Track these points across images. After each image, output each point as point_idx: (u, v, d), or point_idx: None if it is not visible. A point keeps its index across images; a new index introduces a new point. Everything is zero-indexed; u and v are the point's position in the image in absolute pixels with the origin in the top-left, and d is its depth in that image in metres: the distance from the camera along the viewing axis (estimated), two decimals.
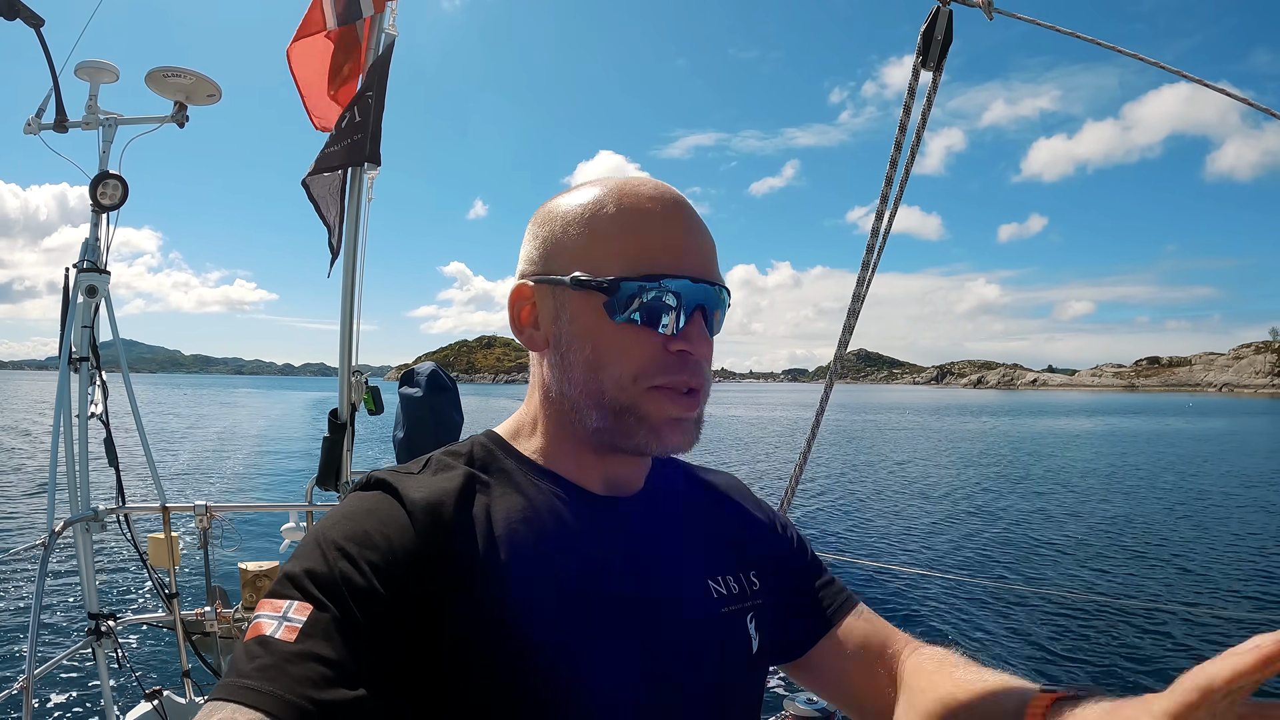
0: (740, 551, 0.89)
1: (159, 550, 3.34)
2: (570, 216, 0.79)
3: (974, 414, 73.71)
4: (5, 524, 12.65)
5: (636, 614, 0.76)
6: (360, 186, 2.58)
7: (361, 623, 0.62)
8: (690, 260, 0.77)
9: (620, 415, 0.76)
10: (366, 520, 0.69)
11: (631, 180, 0.80)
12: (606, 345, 0.76)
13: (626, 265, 0.75)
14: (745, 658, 0.83)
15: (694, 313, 0.76)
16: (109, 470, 3.50)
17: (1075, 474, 23.76)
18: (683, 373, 0.76)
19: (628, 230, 0.76)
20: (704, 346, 0.77)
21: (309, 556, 0.66)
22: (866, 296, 2.09)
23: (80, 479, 3.36)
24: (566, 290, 0.77)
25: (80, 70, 3.41)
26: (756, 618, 0.85)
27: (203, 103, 3.43)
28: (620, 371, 0.75)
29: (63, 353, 3.24)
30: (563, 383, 0.79)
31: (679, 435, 0.77)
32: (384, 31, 2.71)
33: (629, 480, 0.85)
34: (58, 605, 7.76)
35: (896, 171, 1.91)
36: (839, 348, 2.08)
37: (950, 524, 14.46)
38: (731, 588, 0.84)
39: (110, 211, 3.32)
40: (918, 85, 1.82)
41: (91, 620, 3.46)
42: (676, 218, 0.78)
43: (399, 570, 0.66)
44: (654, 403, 0.75)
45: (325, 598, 0.63)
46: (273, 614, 0.62)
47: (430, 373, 2.31)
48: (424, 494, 0.73)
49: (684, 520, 0.88)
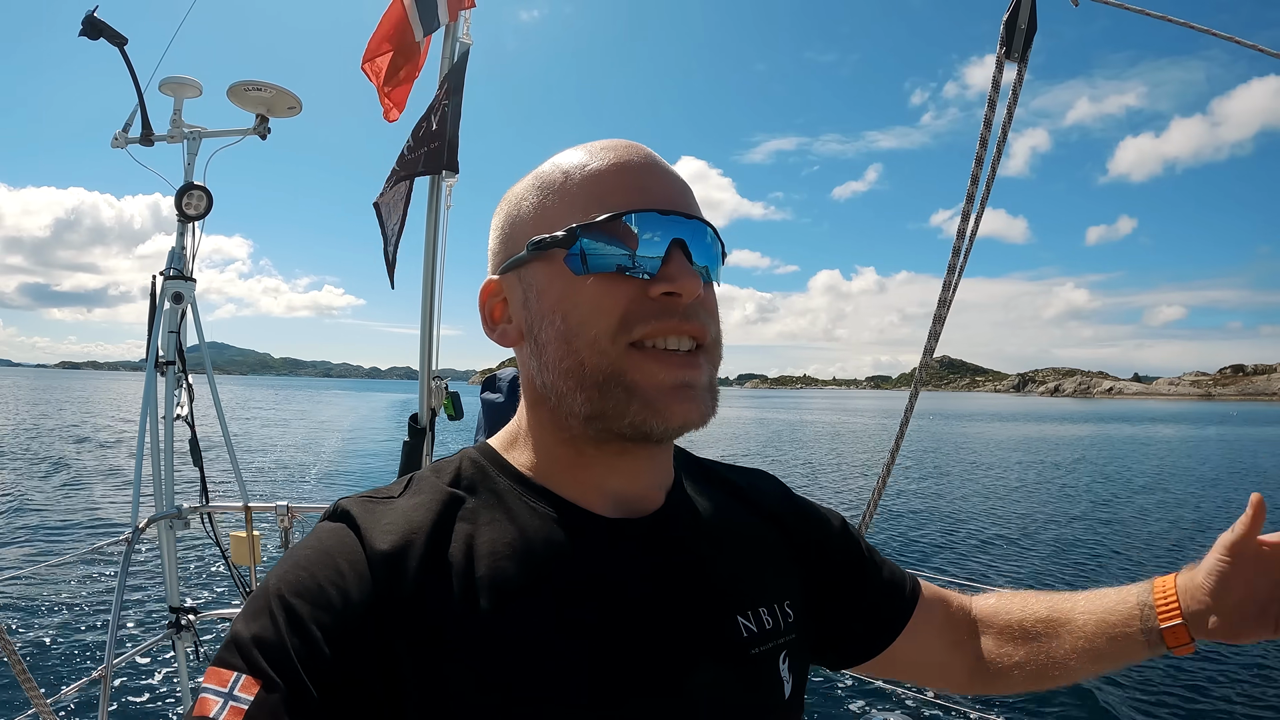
0: (774, 576, 0.79)
1: (240, 548, 3.44)
2: (522, 193, 0.71)
3: (1038, 421, 72.18)
4: (94, 520, 13.20)
5: (649, 669, 0.65)
6: (439, 194, 2.63)
7: (315, 699, 0.55)
8: (656, 195, 0.67)
9: (605, 389, 0.64)
10: (321, 569, 0.61)
11: (587, 143, 0.72)
12: (576, 307, 0.65)
13: (584, 215, 0.66)
14: (778, 704, 0.73)
15: (672, 248, 0.65)
16: (193, 470, 3.63)
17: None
18: (672, 317, 0.65)
19: (582, 183, 0.67)
20: (692, 284, 0.65)
21: (257, 616, 0.59)
22: (953, 302, 2.06)
23: (165, 478, 3.50)
24: (530, 267, 0.69)
25: (164, 86, 3.56)
26: (790, 656, 0.75)
27: (284, 115, 3.55)
28: (596, 332, 0.64)
29: (149, 357, 3.38)
30: (542, 371, 0.68)
31: (683, 404, 0.65)
32: (458, 40, 2.76)
33: (642, 495, 0.73)
34: (141, 600, 8.05)
35: (982, 170, 1.87)
36: (924, 354, 2.03)
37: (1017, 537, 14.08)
38: (764, 623, 0.73)
39: (195, 221, 3.45)
40: (1002, 78, 1.80)
41: (172, 614, 3.60)
42: (634, 159, 0.69)
43: (354, 632, 0.58)
44: (641, 367, 0.64)
45: (273, 671, 0.56)
46: (219, 690, 0.56)
47: (512, 379, 2.35)
48: (390, 531, 0.63)
49: (708, 545, 0.75)
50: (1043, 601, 0.93)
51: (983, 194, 1.89)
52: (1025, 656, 0.89)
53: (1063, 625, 0.88)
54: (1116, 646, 0.84)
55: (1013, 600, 0.95)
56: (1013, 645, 0.91)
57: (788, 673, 0.74)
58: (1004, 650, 0.91)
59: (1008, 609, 0.94)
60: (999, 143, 1.85)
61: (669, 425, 0.65)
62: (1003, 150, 1.88)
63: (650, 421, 0.64)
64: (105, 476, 19.04)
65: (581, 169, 0.68)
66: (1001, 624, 0.93)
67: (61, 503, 14.87)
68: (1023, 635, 0.90)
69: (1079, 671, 0.87)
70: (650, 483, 0.74)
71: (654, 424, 0.64)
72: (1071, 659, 0.86)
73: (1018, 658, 0.89)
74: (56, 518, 13.30)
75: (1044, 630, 0.89)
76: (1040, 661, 0.88)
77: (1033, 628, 0.90)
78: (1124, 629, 0.84)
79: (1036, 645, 0.89)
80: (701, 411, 0.67)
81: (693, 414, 0.66)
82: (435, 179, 2.63)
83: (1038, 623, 0.90)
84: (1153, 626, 0.83)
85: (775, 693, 0.72)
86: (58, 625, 7.48)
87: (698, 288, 0.65)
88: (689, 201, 0.70)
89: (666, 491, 0.76)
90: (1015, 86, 1.80)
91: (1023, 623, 0.91)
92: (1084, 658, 0.86)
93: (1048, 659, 0.88)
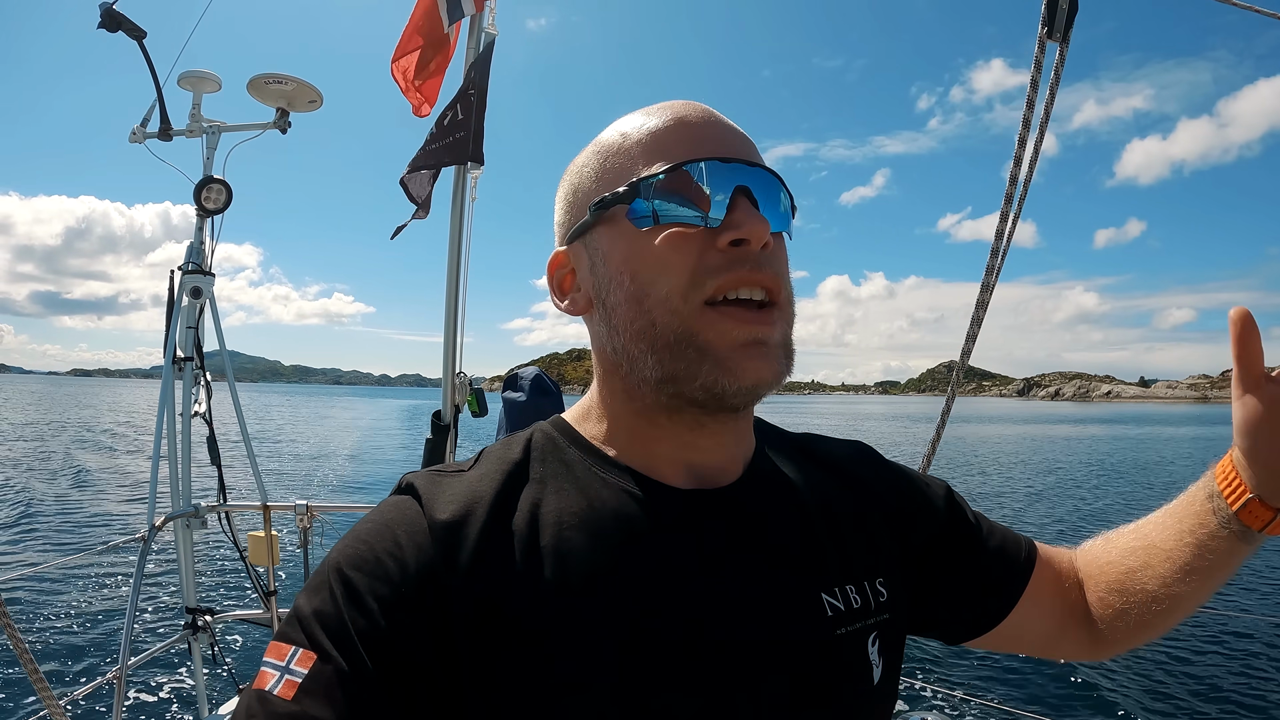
0: (867, 552, 0.73)
1: (259, 548, 3.40)
2: (584, 161, 0.70)
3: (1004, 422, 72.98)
4: (109, 521, 13.23)
5: (723, 648, 0.61)
6: (464, 185, 2.59)
7: (371, 672, 0.55)
8: (715, 145, 0.65)
9: (677, 350, 0.62)
10: (380, 540, 0.60)
11: (644, 107, 0.71)
12: (644, 265, 0.63)
13: (645, 170, 0.64)
14: (865, 690, 0.68)
15: (736, 194, 0.63)
16: (210, 469, 3.59)
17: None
18: (742, 267, 0.62)
19: (641, 141, 0.66)
20: (760, 228, 0.62)
21: (318, 591, 0.59)
22: (990, 303, 1.99)
23: (182, 476, 3.46)
24: (595, 231, 0.67)
25: (183, 80, 3.53)
26: (881, 638, 0.70)
27: (304, 109, 3.52)
28: (667, 289, 0.62)
29: (167, 352, 3.34)
30: (613, 336, 0.66)
31: (755, 362, 0.62)
32: (484, 31, 2.73)
33: (719, 467, 0.69)
34: (157, 600, 8.06)
35: (1025, 150, 1.82)
36: (961, 357, 1.95)
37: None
38: (852, 601, 0.68)
39: (214, 215, 3.42)
40: (1044, 59, 1.75)
41: (189, 615, 3.56)
42: (692, 114, 0.67)
43: (411, 603, 0.57)
44: (713, 325, 0.61)
45: (330, 644, 0.56)
46: (277, 663, 0.56)
47: (534, 377, 2.30)
48: (453, 501, 0.62)
49: (791, 518, 0.71)
50: (1129, 533, 0.82)
51: (1027, 173, 1.84)
52: (1125, 603, 0.79)
53: (1148, 552, 0.78)
54: (1203, 552, 0.74)
55: (1108, 542, 0.85)
56: (1112, 593, 0.80)
57: (877, 656, 0.69)
58: (1107, 601, 0.81)
59: (1103, 553, 0.84)
60: (1042, 124, 1.80)
61: (741, 384, 0.61)
62: (1046, 128, 1.83)
63: (721, 381, 0.61)
64: (121, 478, 19.18)
65: (639, 128, 0.67)
66: (1099, 571, 0.83)
67: (77, 503, 14.95)
68: (1118, 578, 0.80)
69: (1181, 598, 0.76)
70: (728, 454, 0.70)
71: (725, 383, 0.61)
72: (1166, 587, 0.76)
73: (1119, 605, 0.79)
74: (72, 517, 13.36)
75: (1135, 565, 0.79)
76: (1139, 602, 0.78)
77: (1125, 566, 0.80)
78: (1202, 530, 0.74)
79: (1131, 583, 0.79)
80: (775, 370, 0.63)
81: (765, 372, 0.62)
82: (460, 170, 2.59)
83: (1127, 556, 0.80)
84: (1227, 514, 0.72)
85: (863, 676, 0.67)
86: (72, 625, 7.47)
87: (766, 232, 0.62)
88: (751, 151, 0.68)
89: (746, 463, 0.72)
90: (1057, 67, 1.75)
91: (1114, 565, 0.81)
92: (1176, 580, 0.75)
93: (1144, 596, 0.77)
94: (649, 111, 0.68)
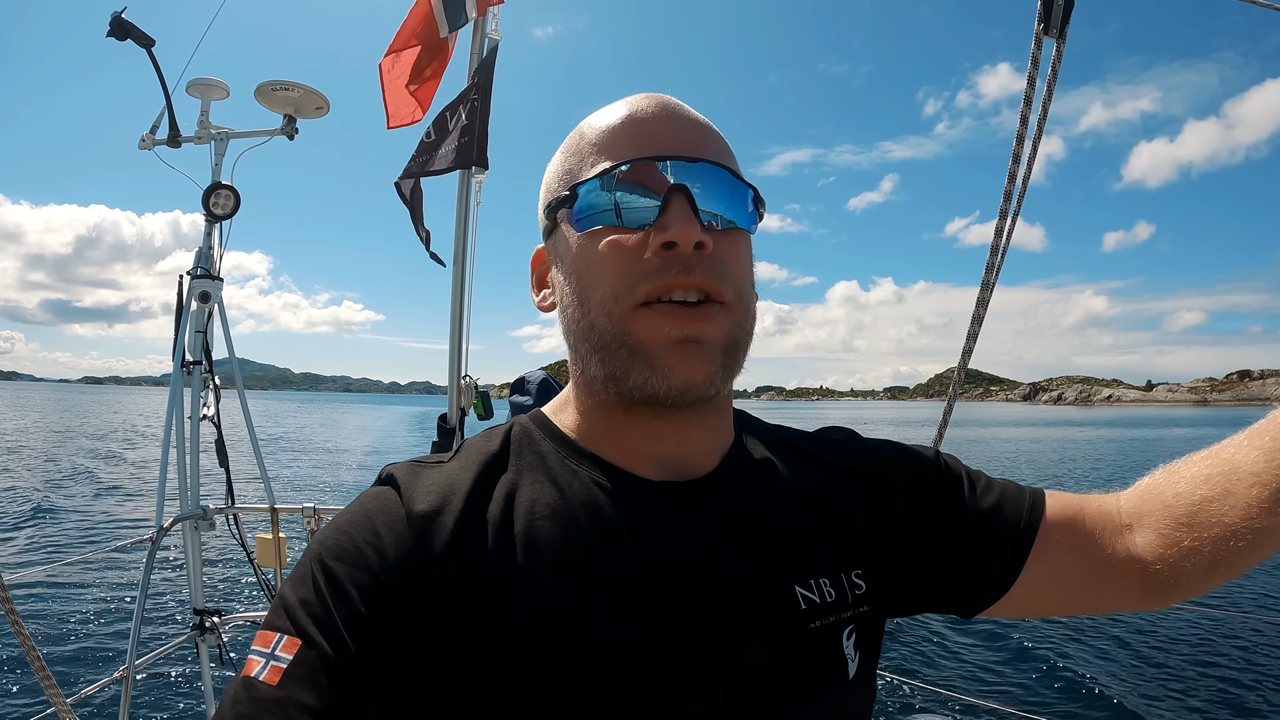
0: (844, 542, 0.71)
1: (266, 550, 3.43)
2: (553, 161, 0.71)
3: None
4: (117, 524, 13.31)
5: (690, 640, 0.61)
6: (469, 189, 2.62)
7: (353, 657, 0.56)
8: (661, 142, 0.63)
9: (613, 350, 0.62)
10: (360, 530, 0.61)
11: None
12: (586, 268, 0.63)
13: (590, 171, 0.65)
14: (839, 684, 0.66)
15: (670, 194, 0.61)
16: (219, 472, 3.62)
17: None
18: (672, 270, 0.60)
19: (593, 140, 0.66)
20: (687, 231, 0.59)
21: (302, 580, 0.60)
22: (991, 303, 1.99)
23: (190, 478, 3.49)
24: (556, 232, 0.68)
25: (192, 87, 3.58)
26: (858, 631, 0.69)
27: (311, 115, 3.56)
28: (603, 292, 0.62)
29: (176, 356, 3.37)
30: (568, 334, 0.67)
31: (686, 360, 0.60)
32: (487, 36, 2.75)
33: (690, 459, 0.69)
34: (166, 601, 8.09)
35: (1024, 149, 1.84)
36: (963, 356, 1.97)
37: None
38: (826, 594, 0.67)
39: (223, 221, 3.46)
40: (1041, 54, 1.75)
41: (197, 615, 3.58)
42: (645, 108, 0.66)
43: (389, 590, 0.58)
44: (646, 323, 0.60)
45: (314, 630, 0.56)
46: (263, 650, 0.57)
47: (541, 380, 2.32)
48: (430, 491, 0.63)
49: (766, 510, 0.69)
50: (1201, 459, 0.72)
51: (1025, 174, 1.85)
52: (1195, 540, 0.68)
53: (1229, 477, 0.68)
54: None
55: (1170, 473, 0.74)
56: (1180, 528, 0.70)
57: (853, 650, 0.68)
58: (1172, 538, 0.70)
59: (1166, 485, 0.73)
60: (1040, 122, 1.80)
61: (671, 384, 0.60)
62: (1043, 130, 1.84)
63: (652, 381, 0.61)
64: (130, 482, 19.26)
65: (594, 126, 0.67)
66: (1160, 508, 0.72)
67: (86, 505, 15.03)
68: (1187, 511, 0.70)
69: (1268, 532, 0.65)
70: (698, 447, 0.69)
71: (655, 383, 0.61)
72: (1250, 519, 0.65)
73: (1188, 543, 0.69)
74: (81, 519, 13.43)
75: (1211, 494, 0.68)
76: (1214, 537, 0.67)
77: (1197, 497, 0.69)
78: None
79: (1204, 516, 0.68)
80: (709, 371, 0.61)
81: (697, 373, 0.60)
82: (465, 174, 2.62)
83: (1199, 486, 0.70)
84: None
85: (837, 671, 0.66)
86: (80, 624, 7.52)
87: (694, 235, 0.60)
88: (702, 146, 0.65)
89: (722, 455, 0.71)
90: (1055, 64, 1.76)
91: (1182, 497, 0.71)
92: (1265, 510, 0.64)
93: (1221, 531, 0.67)
94: (612, 107, 0.68)
